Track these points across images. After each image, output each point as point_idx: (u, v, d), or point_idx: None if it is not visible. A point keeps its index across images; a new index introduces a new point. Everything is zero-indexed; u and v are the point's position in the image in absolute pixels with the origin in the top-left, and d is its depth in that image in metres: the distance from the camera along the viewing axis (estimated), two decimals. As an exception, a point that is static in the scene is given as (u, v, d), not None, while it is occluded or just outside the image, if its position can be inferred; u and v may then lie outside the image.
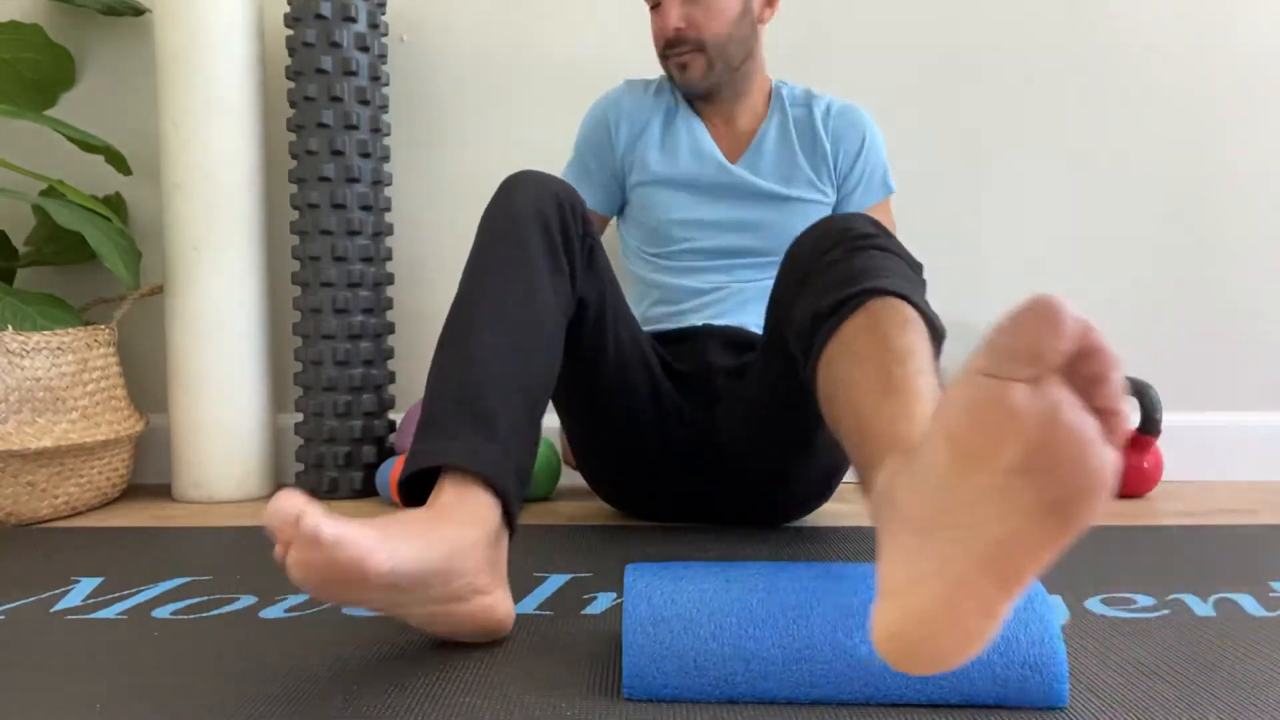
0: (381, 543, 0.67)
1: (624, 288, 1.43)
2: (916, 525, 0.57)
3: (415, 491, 0.84)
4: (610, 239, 1.43)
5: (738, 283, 1.33)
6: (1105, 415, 0.51)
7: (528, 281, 0.95)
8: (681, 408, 1.22)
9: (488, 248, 0.96)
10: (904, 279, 0.84)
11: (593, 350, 1.10)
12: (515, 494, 0.84)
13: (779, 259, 1.23)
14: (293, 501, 0.64)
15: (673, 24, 1.25)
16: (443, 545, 0.73)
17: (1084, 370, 0.51)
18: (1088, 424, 0.50)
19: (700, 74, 1.28)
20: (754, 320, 1.30)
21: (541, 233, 0.96)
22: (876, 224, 0.93)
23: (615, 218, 1.45)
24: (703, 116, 1.37)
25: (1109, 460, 0.51)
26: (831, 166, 1.34)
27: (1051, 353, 0.49)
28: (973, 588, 0.54)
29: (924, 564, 0.56)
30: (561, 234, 0.98)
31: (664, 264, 1.36)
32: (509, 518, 0.83)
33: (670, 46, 1.28)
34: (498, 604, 0.80)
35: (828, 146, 1.34)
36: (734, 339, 1.28)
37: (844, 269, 0.85)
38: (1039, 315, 0.49)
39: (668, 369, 1.25)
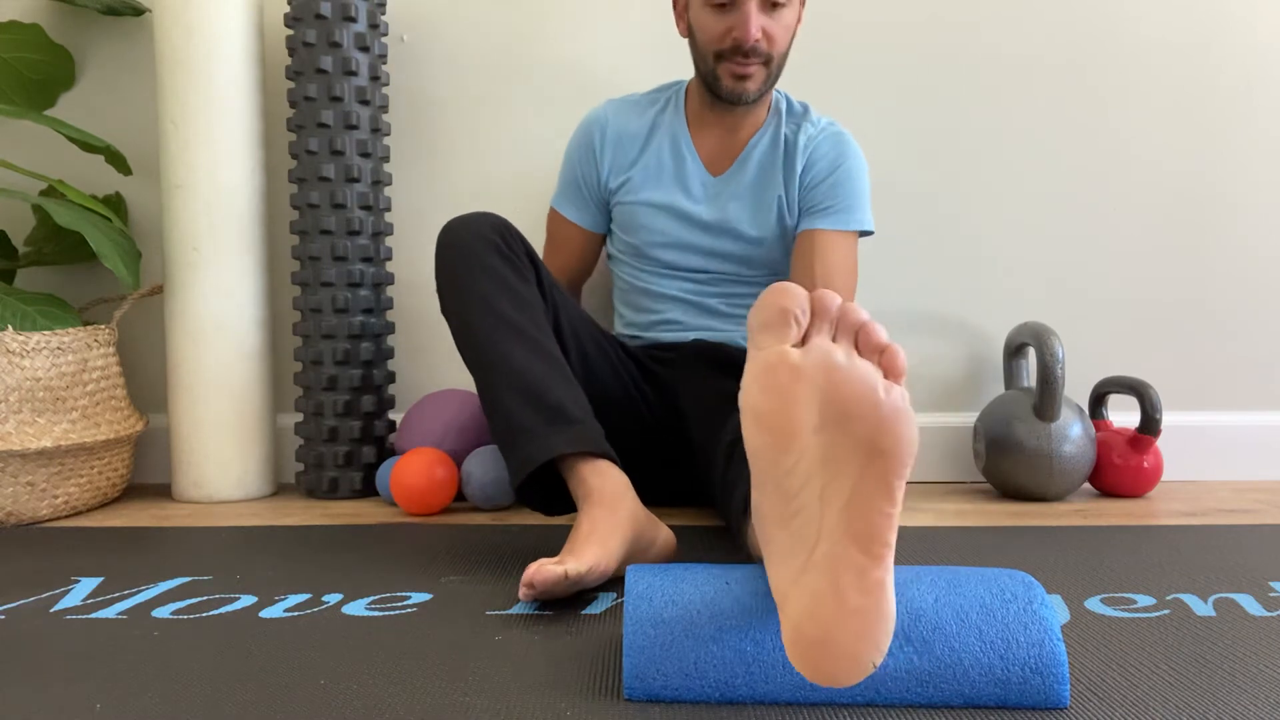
0: (604, 556, 0.92)
1: (610, 289, 1.47)
2: (776, 519, 0.61)
3: (527, 483, 1.06)
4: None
5: (722, 297, 1.38)
6: (880, 355, 0.58)
7: (511, 292, 1.10)
8: (650, 401, 1.31)
9: (462, 277, 1.10)
10: None
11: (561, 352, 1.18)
12: (611, 451, 1.05)
13: (762, 275, 1.38)
14: (551, 570, 0.86)
15: (755, 34, 1.24)
16: (630, 525, 0.98)
17: (845, 327, 0.59)
18: (862, 364, 0.58)
19: (757, 87, 1.29)
20: (743, 332, 1.36)
21: (496, 253, 1.11)
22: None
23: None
24: (699, 126, 1.38)
25: (896, 394, 0.57)
26: (798, 186, 1.34)
27: (797, 310, 0.58)
28: (842, 561, 0.58)
29: (796, 558, 0.60)
30: (511, 251, 1.12)
31: (649, 272, 1.40)
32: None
33: (741, 54, 1.26)
34: (665, 534, 1.04)
35: (799, 167, 1.34)
36: (718, 358, 1.32)
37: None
38: (773, 292, 0.59)
39: (640, 366, 1.33)
